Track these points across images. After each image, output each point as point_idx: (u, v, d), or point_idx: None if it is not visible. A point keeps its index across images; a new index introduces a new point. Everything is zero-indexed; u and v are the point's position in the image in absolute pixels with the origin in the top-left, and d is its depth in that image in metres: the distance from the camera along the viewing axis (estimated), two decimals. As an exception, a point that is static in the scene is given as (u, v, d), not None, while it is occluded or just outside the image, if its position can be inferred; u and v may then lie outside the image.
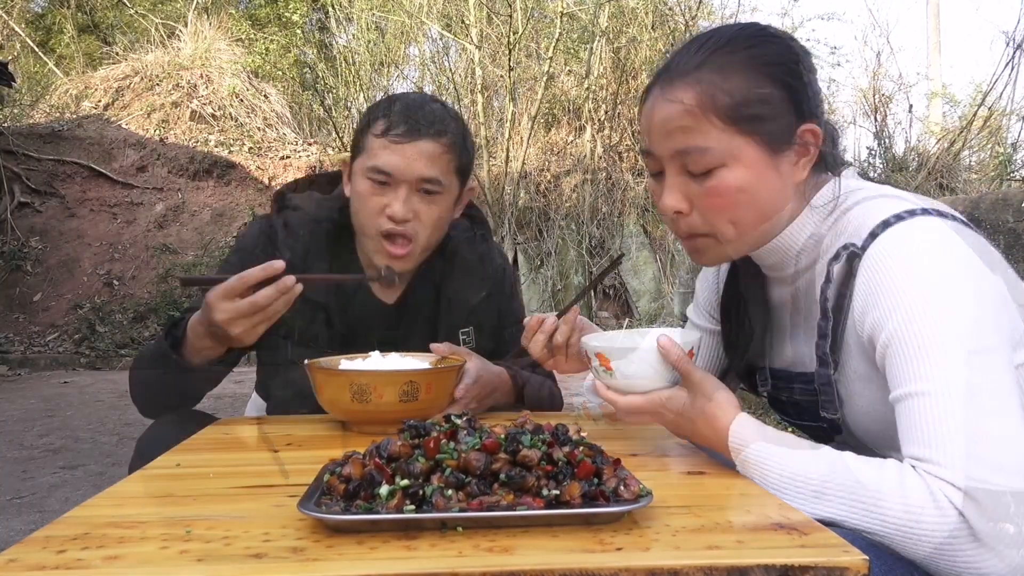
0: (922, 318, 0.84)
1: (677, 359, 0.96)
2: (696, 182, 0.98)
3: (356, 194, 1.39)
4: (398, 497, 0.72)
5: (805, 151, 0.99)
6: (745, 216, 0.99)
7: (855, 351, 0.97)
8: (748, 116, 0.95)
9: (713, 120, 0.95)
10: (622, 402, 1.01)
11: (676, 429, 1.00)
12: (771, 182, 0.98)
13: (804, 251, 1.02)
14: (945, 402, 0.80)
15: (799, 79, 0.98)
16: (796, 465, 0.85)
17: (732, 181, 0.96)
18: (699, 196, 0.99)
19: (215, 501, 0.84)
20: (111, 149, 9.44)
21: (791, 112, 0.97)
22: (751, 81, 0.96)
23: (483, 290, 1.51)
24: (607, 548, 0.68)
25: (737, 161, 0.96)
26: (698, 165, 0.97)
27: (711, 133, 0.95)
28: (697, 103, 0.95)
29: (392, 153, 1.34)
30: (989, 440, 0.78)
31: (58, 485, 3.35)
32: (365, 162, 1.36)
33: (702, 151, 0.96)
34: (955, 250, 0.87)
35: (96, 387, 6.08)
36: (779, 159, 0.97)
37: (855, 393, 0.99)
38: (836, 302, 0.96)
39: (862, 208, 0.97)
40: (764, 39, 1.00)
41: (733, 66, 0.96)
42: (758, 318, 1.14)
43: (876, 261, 0.90)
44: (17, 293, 8.24)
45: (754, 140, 0.96)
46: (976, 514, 0.75)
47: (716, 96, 0.95)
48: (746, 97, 0.95)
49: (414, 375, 1.15)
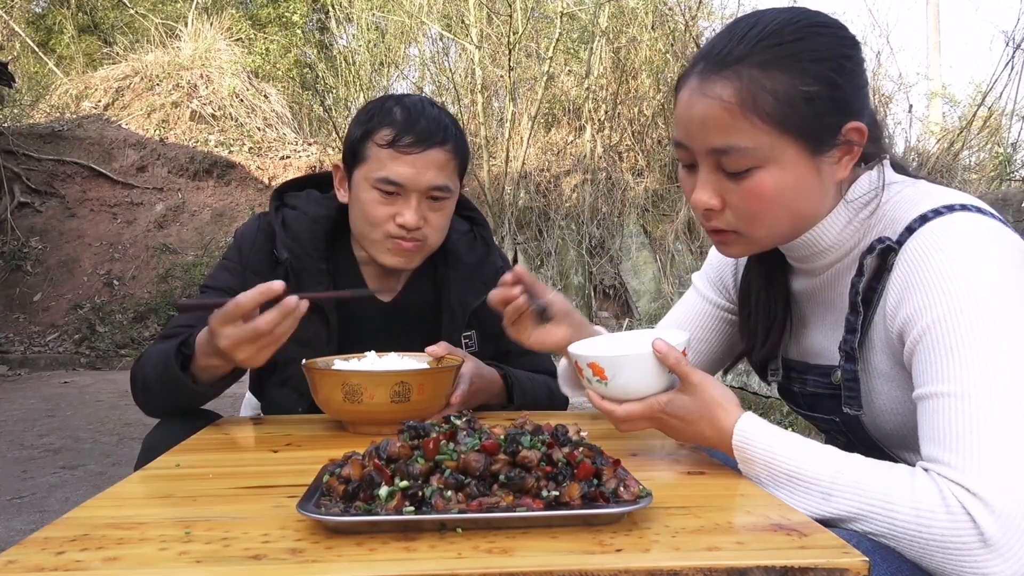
0: (956, 317, 0.82)
1: (675, 362, 0.94)
2: (731, 181, 0.93)
3: (361, 203, 1.37)
4: (397, 498, 0.72)
5: (848, 149, 0.93)
6: (780, 217, 0.95)
7: (880, 348, 0.95)
8: (791, 117, 0.89)
9: (754, 120, 0.89)
10: (620, 411, 0.98)
11: (676, 433, 0.98)
12: (811, 184, 0.93)
13: (835, 245, 0.99)
14: (968, 405, 0.79)
15: (848, 75, 0.92)
16: (804, 465, 0.84)
17: (770, 183, 0.91)
18: (733, 195, 0.94)
19: (214, 502, 0.84)
20: (111, 149, 9.44)
21: (837, 111, 0.91)
22: (796, 79, 0.89)
23: (484, 293, 1.50)
24: (607, 549, 0.68)
25: (776, 163, 0.91)
26: (735, 165, 0.92)
27: (751, 133, 0.90)
28: (738, 101, 0.89)
29: (402, 164, 1.33)
30: (1009, 446, 0.77)
31: (58, 485, 3.35)
32: (371, 172, 1.35)
33: (741, 151, 0.90)
34: (995, 249, 0.85)
35: (96, 387, 6.07)
36: (821, 160, 0.92)
37: (875, 390, 0.97)
38: (866, 296, 0.94)
39: (898, 202, 0.95)
40: (812, 31, 0.92)
41: (778, 61, 0.89)
42: (778, 306, 1.11)
43: (914, 256, 0.87)
44: (17, 293, 8.24)
45: (796, 141, 0.90)
46: (987, 518, 0.74)
47: (758, 95, 0.89)
48: (790, 97, 0.89)
49: (405, 376, 1.15)
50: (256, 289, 1.12)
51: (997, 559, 0.73)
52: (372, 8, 10.44)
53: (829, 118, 0.91)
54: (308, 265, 1.43)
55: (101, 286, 8.44)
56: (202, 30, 10.82)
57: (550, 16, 9.35)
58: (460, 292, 1.49)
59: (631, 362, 0.96)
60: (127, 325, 7.96)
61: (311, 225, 1.45)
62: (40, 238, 8.71)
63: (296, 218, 1.46)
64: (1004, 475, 0.75)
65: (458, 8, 9.66)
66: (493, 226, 8.68)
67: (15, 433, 4.40)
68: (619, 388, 0.97)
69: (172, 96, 10.05)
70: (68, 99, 10.40)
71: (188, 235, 8.97)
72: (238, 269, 1.44)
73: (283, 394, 1.43)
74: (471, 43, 9.25)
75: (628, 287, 8.46)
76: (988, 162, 8.30)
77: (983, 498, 0.75)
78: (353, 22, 10.73)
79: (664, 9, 9.18)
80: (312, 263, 1.43)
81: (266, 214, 1.50)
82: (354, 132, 1.39)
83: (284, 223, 1.45)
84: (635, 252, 8.59)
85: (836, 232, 0.99)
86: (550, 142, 9.55)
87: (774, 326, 1.11)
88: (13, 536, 2.67)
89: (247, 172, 9.53)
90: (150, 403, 1.34)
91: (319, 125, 11.41)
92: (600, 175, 8.99)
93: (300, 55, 11.55)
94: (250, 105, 10.28)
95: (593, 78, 9.15)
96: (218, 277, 1.46)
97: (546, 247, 8.61)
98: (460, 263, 1.50)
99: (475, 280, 1.51)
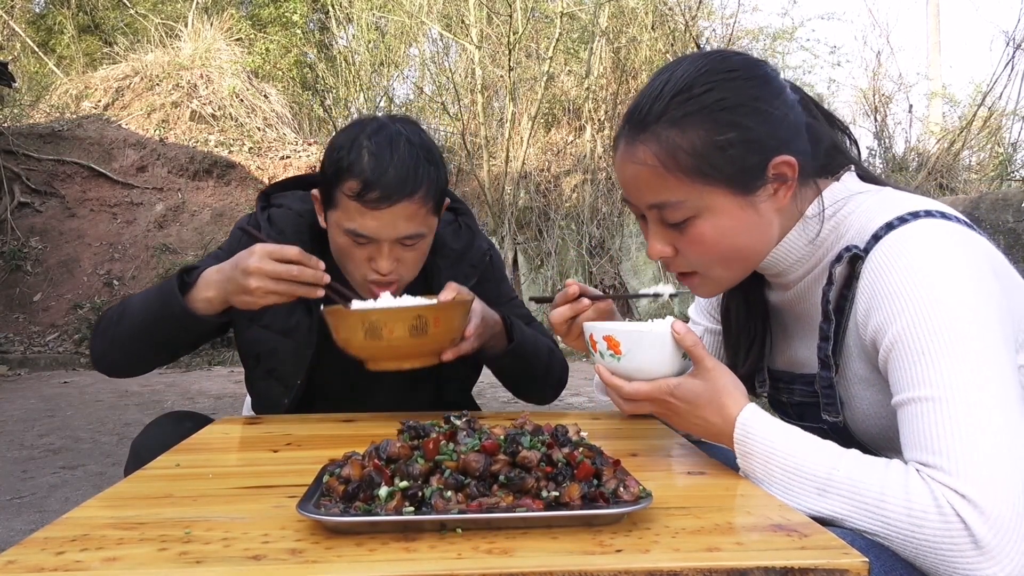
0: (925, 322, 0.83)
1: (693, 344, 0.95)
2: (676, 231, 0.99)
3: (336, 246, 1.36)
4: (397, 498, 0.72)
5: (782, 182, 0.97)
6: (729, 258, 1.00)
7: (856, 353, 0.96)
8: (711, 168, 0.94)
9: (678, 176, 0.94)
10: (628, 388, 0.99)
11: (679, 419, 0.98)
12: (749, 223, 0.97)
13: (801, 260, 1.02)
14: (949, 408, 0.80)
15: (762, 116, 0.95)
16: (800, 460, 0.85)
17: (709, 230, 0.96)
18: (681, 243, 1.00)
19: (214, 502, 0.84)
20: (111, 149, 9.45)
21: (757, 152, 0.94)
22: (710, 130, 0.93)
23: (473, 278, 1.51)
24: (607, 550, 0.68)
25: (710, 211, 0.96)
26: (673, 217, 0.97)
27: (678, 188, 0.95)
28: (660, 162, 0.95)
29: (370, 219, 1.28)
30: (992, 447, 0.77)
31: (58, 485, 3.35)
32: (341, 221, 1.31)
33: (673, 206, 0.96)
34: (958, 253, 0.87)
35: (96, 387, 6.07)
36: (754, 198, 0.96)
37: (856, 396, 0.98)
38: (837, 304, 0.96)
39: (864, 210, 0.96)
40: (720, 79, 0.95)
41: (690, 117, 0.94)
42: (757, 322, 1.14)
43: (879, 264, 0.89)
44: (17, 293, 8.24)
45: (723, 188, 0.95)
46: (978, 522, 0.74)
47: (676, 153, 0.94)
48: (706, 149, 0.93)
49: (423, 310, 1.17)
50: (307, 255, 1.24)
51: (989, 562, 0.74)
52: (372, 8, 10.44)
53: (750, 159, 0.95)
54: None
55: (101, 286, 8.44)
56: (202, 30, 10.83)
57: (550, 16, 9.35)
58: (450, 278, 1.46)
59: (648, 339, 0.97)
60: (127, 325, 7.96)
61: (296, 219, 1.47)
62: (40, 238, 8.71)
63: (281, 214, 1.48)
64: (992, 477, 0.76)
65: (458, 8, 9.66)
66: (493, 226, 8.68)
67: (15, 433, 4.40)
68: (632, 364, 0.98)
69: (172, 96, 10.06)
70: (68, 99, 10.41)
71: (188, 235, 8.98)
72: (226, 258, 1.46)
73: (268, 386, 1.44)
74: (471, 43, 9.25)
75: (628, 287, 8.46)
76: (988, 162, 8.31)
77: (974, 501, 0.75)
78: (353, 22, 10.73)
79: (664, 9, 9.18)
80: None
81: (253, 214, 1.51)
82: (327, 168, 1.34)
83: (270, 219, 1.47)
84: (635, 252, 8.59)
85: (798, 249, 1.01)
86: (550, 142, 9.56)
87: (755, 342, 1.14)
88: (13, 536, 2.67)
89: (247, 172, 9.53)
90: (117, 340, 1.36)
91: (319, 125, 11.42)
92: (600, 175, 8.99)
93: (300, 55, 11.55)
94: (250, 105, 10.28)
95: (593, 78, 9.16)
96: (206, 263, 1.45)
97: (546, 247, 8.61)
98: (447, 249, 1.51)
99: (464, 263, 1.52)
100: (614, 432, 1.20)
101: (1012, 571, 0.74)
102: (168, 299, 1.28)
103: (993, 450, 0.77)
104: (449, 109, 9.53)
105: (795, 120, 0.98)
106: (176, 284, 1.29)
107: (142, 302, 1.35)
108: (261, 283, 1.21)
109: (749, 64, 0.98)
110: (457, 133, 9.33)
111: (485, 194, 8.78)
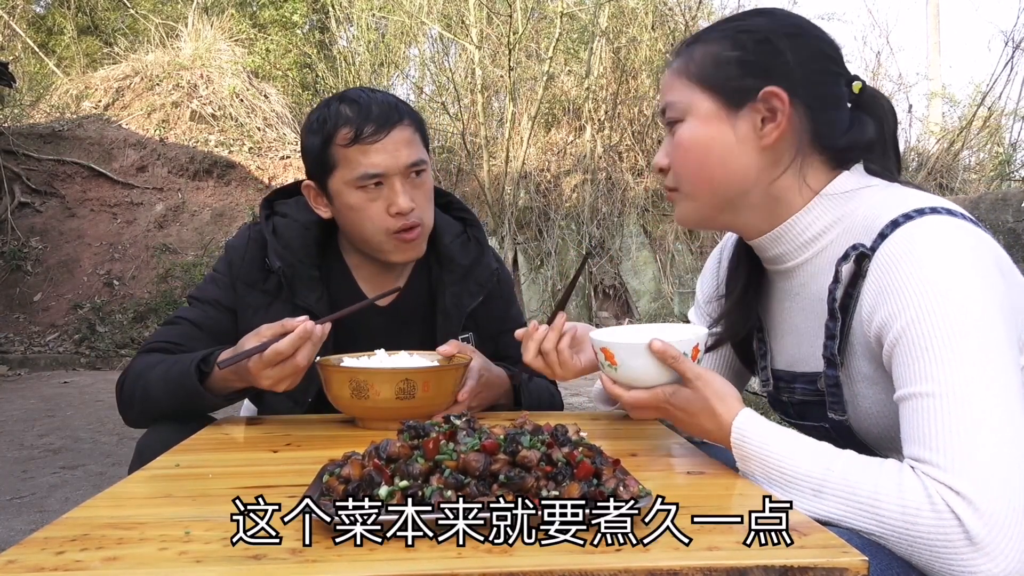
0: (930, 318, 0.83)
1: (672, 360, 0.97)
2: (671, 139, 1.06)
3: (351, 208, 1.36)
4: (397, 498, 0.72)
5: (772, 116, 0.99)
6: (698, 170, 1.03)
7: (861, 352, 0.96)
8: (709, 75, 1.01)
9: (683, 79, 1.04)
10: (627, 397, 1.02)
11: (680, 424, 1.01)
12: (724, 140, 1.01)
13: (806, 243, 1.02)
14: (948, 404, 0.80)
15: (771, 46, 1.00)
16: (796, 462, 0.85)
17: (686, 133, 1.03)
18: (671, 151, 1.06)
19: (214, 502, 0.84)
20: (111, 149, 9.44)
21: (755, 74, 0.99)
22: (724, 45, 1.02)
23: (479, 295, 1.50)
24: (607, 549, 0.68)
25: (693, 115, 1.02)
26: (669, 117, 1.05)
27: (679, 90, 1.04)
28: (678, 67, 1.05)
29: (374, 154, 1.32)
30: (991, 444, 0.77)
31: (58, 485, 3.35)
32: (348, 175, 1.33)
33: (670, 106, 1.05)
34: (965, 250, 0.87)
35: (96, 387, 6.07)
36: (736, 118, 1.00)
37: (859, 394, 0.98)
38: (843, 302, 0.96)
39: (871, 207, 0.96)
40: (755, 12, 1.06)
41: (716, 33, 1.04)
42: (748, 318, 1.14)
43: (885, 261, 0.89)
44: (17, 293, 8.24)
45: (711, 96, 1.01)
46: (972, 517, 0.74)
47: (690, 61, 1.04)
48: (714, 58, 1.02)
49: (410, 373, 1.16)
50: (295, 334, 1.15)
51: (984, 558, 0.74)
52: (372, 8, 10.44)
53: (747, 80, 1.00)
54: (301, 272, 1.42)
55: (101, 286, 8.44)
56: (202, 30, 10.82)
57: (550, 16, 9.35)
58: (455, 294, 1.48)
59: (637, 351, 0.99)
60: (127, 325, 7.96)
61: (302, 232, 1.44)
62: (40, 238, 8.71)
63: (287, 225, 1.45)
64: (988, 474, 0.76)
65: (458, 8, 9.66)
66: (493, 226, 8.67)
67: (15, 433, 4.40)
68: (627, 374, 1.02)
69: (172, 96, 10.05)
70: (68, 99, 10.40)
71: (188, 235, 8.97)
72: (227, 283, 1.44)
73: (279, 400, 1.41)
74: (471, 43, 9.25)
75: (628, 287, 8.46)
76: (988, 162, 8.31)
77: (968, 498, 0.75)
78: (353, 22, 10.73)
79: (664, 9, 9.18)
80: (305, 270, 1.42)
81: (256, 224, 1.49)
82: (312, 143, 1.37)
83: (275, 231, 1.44)
84: (635, 252, 8.59)
85: (814, 229, 1.01)
86: (550, 142, 9.55)
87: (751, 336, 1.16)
88: (13, 536, 2.67)
89: (247, 172, 9.53)
90: (146, 412, 1.32)
91: (319, 125, 11.38)
92: (600, 175, 8.99)
93: (300, 55, 11.55)
94: (250, 105, 10.28)
95: (593, 78, 9.16)
96: (206, 289, 1.45)
97: (546, 247, 8.61)
98: (454, 264, 1.49)
99: (470, 282, 1.49)
100: (614, 432, 1.20)
101: (1007, 567, 0.74)
102: (190, 392, 1.24)
103: (990, 447, 0.77)
104: (449, 109, 9.53)
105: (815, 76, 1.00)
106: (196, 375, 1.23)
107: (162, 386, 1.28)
108: (269, 379, 1.17)
109: (789, 15, 1.07)
110: (457, 133, 9.32)
111: (485, 194, 8.78)
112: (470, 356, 1.30)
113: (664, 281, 8.35)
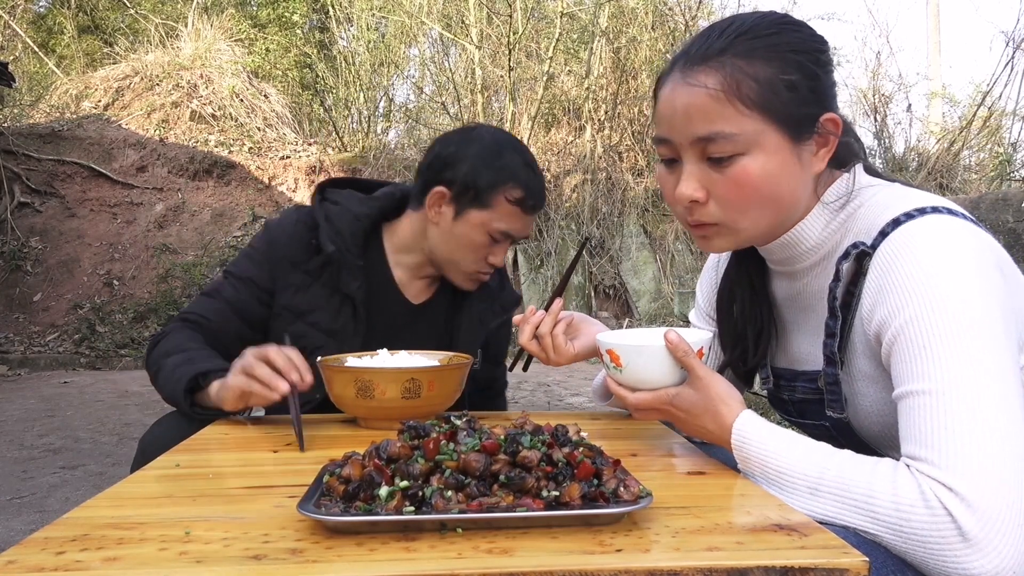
0: (929, 316, 0.83)
1: (684, 355, 0.97)
2: (716, 170, 0.94)
3: (467, 240, 1.46)
4: (397, 498, 0.72)
5: (825, 141, 0.96)
6: (764, 206, 0.96)
7: (861, 351, 0.97)
8: (774, 103, 0.92)
9: (738, 106, 0.91)
10: (631, 398, 1.02)
11: (683, 426, 1.01)
12: (793, 172, 0.95)
13: (817, 246, 1.02)
14: (945, 402, 0.80)
15: (824, 68, 0.97)
16: (793, 461, 0.86)
17: (754, 169, 0.93)
18: (718, 185, 0.95)
19: (214, 502, 0.84)
20: (111, 149, 9.44)
21: (815, 102, 0.95)
22: (777, 67, 0.92)
23: (500, 316, 1.60)
24: (607, 549, 0.68)
25: (760, 149, 0.92)
26: (720, 151, 0.93)
27: (735, 119, 0.91)
28: (723, 87, 0.91)
29: (522, 222, 1.47)
30: (986, 442, 0.77)
31: (58, 485, 3.35)
32: (492, 222, 1.44)
33: (725, 137, 0.92)
34: (966, 250, 0.87)
35: (96, 387, 6.07)
36: (801, 148, 0.95)
37: (859, 393, 0.98)
38: (844, 300, 0.96)
39: (872, 206, 0.97)
40: (787, 26, 0.97)
41: (758, 51, 0.93)
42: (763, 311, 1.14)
43: (886, 259, 0.89)
44: (17, 293, 8.24)
45: (778, 128, 0.93)
46: (965, 514, 0.75)
47: (742, 81, 0.91)
48: (772, 84, 0.92)
49: (416, 373, 1.18)
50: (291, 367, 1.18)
51: (978, 555, 0.74)
52: (372, 8, 10.44)
53: (808, 107, 0.94)
54: (347, 260, 1.48)
55: (101, 286, 8.44)
56: (202, 30, 10.82)
57: (550, 16, 9.35)
58: (480, 310, 1.57)
59: (644, 353, 1.00)
60: (127, 325, 7.96)
61: (353, 222, 1.50)
62: (40, 238, 8.70)
63: (339, 213, 1.50)
64: (983, 471, 0.76)
65: (458, 8, 9.66)
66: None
67: (15, 433, 4.40)
68: (631, 376, 1.02)
69: (172, 96, 10.04)
70: (68, 99, 10.39)
71: (188, 235, 8.97)
72: (263, 261, 1.49)
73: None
74: (471, 43, 9.25)
75: (628, 287, 8.46)
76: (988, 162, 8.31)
77: (962, 495, 0.75)
78: (353, 22, 10.73)
79: (664, 9, 9.18)
80: (351, 258, 1.48)
81: (305, 207, 1.55)
82: (480, 174, 1.43)
83: (327, 217, 1.49)
84: (635, 252, 8.59)
85: (817, 232, 1.01)
86: (550, 142, 9.55)
87: (763, 332, 1.14)
88: (13, 536, 2.67)
89: (247, 172, 9.53)
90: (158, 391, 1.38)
91: (319, 125, 11.42)
92: (600, 175, 8.99)
93: (300, 55, 11.55)
94: (250, 105, 10.27)
95: (593, 78, 9.16)
96: (241, 265, 1.51)
97: (546, 247, 8.61)
98: (483, 284, 1.57)
99: (495, 302, 1.60)
100: (614, 432, 1.20)
101: (1001, 564, 0.74)
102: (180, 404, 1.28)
103: (985, 445, 0.77)
104: (449, 109, 9.53)
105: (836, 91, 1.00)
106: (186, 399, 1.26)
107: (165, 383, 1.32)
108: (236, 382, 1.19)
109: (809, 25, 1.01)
110: (457, 133, 9.31)
111: (485, 194, 8.76)
112: (471, 357, 1.34)
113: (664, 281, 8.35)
